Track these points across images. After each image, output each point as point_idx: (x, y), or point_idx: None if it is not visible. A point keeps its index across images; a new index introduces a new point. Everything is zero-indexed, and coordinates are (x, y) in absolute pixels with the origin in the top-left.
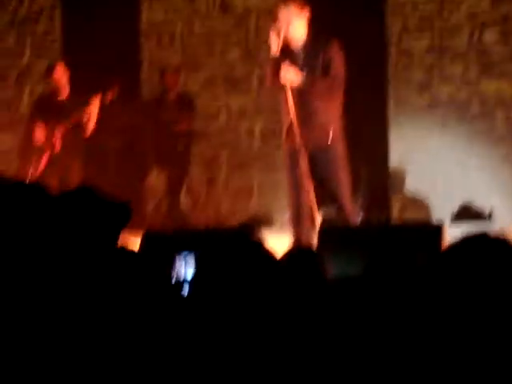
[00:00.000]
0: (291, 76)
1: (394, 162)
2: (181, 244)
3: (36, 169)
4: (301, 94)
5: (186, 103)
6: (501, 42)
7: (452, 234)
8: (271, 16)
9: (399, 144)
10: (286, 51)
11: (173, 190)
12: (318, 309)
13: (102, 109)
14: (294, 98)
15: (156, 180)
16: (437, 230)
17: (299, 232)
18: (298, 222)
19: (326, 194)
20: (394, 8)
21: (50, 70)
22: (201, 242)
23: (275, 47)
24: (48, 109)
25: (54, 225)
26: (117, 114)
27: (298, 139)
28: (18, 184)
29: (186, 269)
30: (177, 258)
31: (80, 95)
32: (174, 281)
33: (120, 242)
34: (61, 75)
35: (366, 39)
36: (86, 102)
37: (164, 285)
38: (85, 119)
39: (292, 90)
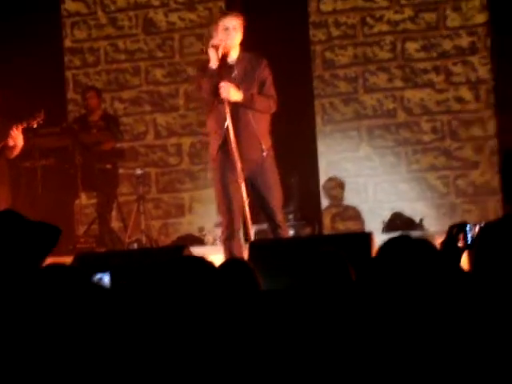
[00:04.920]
0: (232, 93)
1: (323, 173)
2: (113, 264)
3: None
4: (236, 109)
5: (110, 123)
6: (423, 51)
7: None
8: (194, 34)
9: (327, 155)
10: (223, 65)
11: (103, 210)
12: (249, 316)
13: (29, 131)
14: (230, 113)
15: (86, 201)
16: (366, 239)
17: (231, 247)
18: (232, 237)
19: (261, 210)
20: (316, 21)
21: None
22: (134, 261)
23: (214, 61)
24: None
25: None
26: (43, 136)
27: (234, 153)
28: None
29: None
30: (92, 278)
31: (3, 121)
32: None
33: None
34: None
35: (290, 52)
36: (11, 127)
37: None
38: (10, 144)
39: (229, 104)
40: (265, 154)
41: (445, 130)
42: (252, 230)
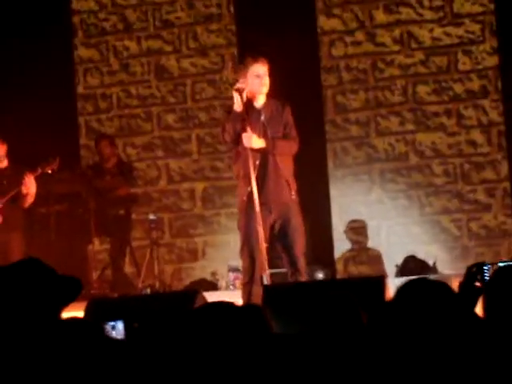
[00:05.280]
0: (254, 141)
1: (336, 217)
2: (127, 309)
3: None
4: (264, 153)
5: (124, 169)
6: (434, 94)
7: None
8: (206, 80)
9: (340, 198)
10: (251, 109)
11: (116, 255)
12: (263, 364)
13: (42, 178)
14: (254, 158)
15: (99, 247)
16: (379, 283)
17: (251, 291)
18: (252, 280)
19: (283, 254)
20: (328, 65)
21: None
22: (147, 306)
23: (238, 104)
24: None
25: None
26: (57, 182)
27: (259, 199)
28: None
29: (116, 335)
30: (106, 325)
31: (18, 167)
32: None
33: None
34: None
35: (302, 97)
36: (25, 174)
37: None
38: (23, 192)
39: (253, 151)
40: (293, 196)
41: (457, 173)
42: (267, 273)
